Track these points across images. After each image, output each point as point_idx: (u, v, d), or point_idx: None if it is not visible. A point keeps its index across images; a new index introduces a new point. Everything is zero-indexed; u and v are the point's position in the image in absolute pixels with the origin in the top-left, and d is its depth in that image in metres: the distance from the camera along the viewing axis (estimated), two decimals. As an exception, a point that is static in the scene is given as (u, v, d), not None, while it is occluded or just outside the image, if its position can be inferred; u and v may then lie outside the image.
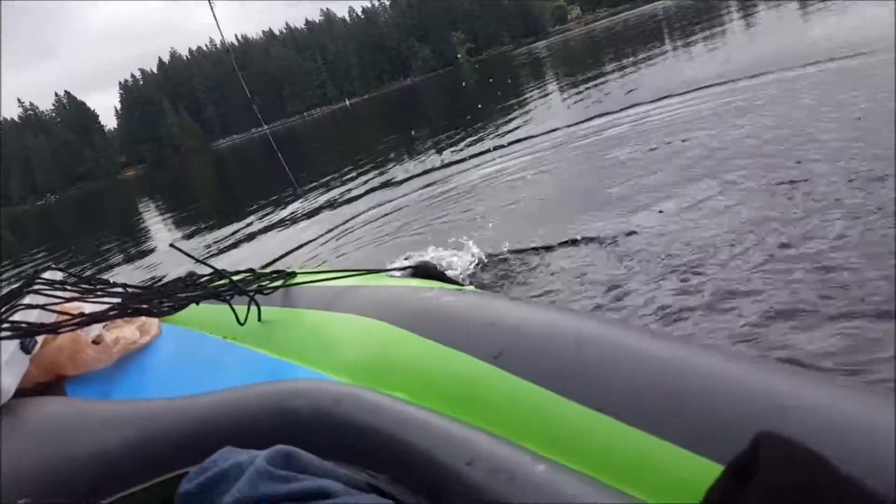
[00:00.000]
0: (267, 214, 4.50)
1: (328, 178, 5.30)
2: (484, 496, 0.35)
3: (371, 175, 4.69)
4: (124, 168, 61.89)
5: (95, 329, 0.83)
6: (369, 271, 0.80)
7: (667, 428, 0.35)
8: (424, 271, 0.70)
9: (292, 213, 4.23)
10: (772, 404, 0.32)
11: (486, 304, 0.55)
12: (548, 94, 6.62)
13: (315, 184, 5.14)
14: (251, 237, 3.80)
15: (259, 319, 0.74)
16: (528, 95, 7.01)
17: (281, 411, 0.49)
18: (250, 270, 0.89)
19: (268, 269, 0.89)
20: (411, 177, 4.00)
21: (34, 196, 59.21)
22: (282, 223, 3.93)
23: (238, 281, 0.81)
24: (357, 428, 0.44)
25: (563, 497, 0.33)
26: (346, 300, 0.69)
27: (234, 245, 3.67)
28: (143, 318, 0.76)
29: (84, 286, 0.80)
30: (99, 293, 0.78)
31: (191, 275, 0.90)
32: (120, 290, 0.81)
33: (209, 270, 0.86)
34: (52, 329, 0.67)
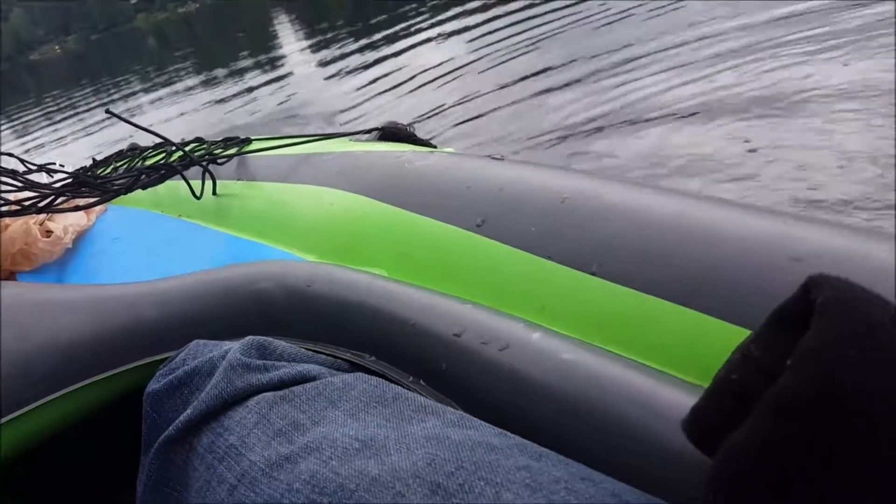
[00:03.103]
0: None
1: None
2: (477, 368, 0.33)
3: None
4: None
5: (40, 219, 0.77)
6: (331, 136, 0.73)
7: (668, 287, 0.32)
8: (392, 133, 0.64)
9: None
10: (785, 256, 0.29)
11: (463, 166, 0.50)
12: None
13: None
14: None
15: (214, 193, 0.68)
16: None
17: (249, 295, 0.46)
18: (198, 139, 0.81)
19: (217, 138, 0.81)
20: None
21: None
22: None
23: (189, 151, 0.74)
24: (334, 307, 0.42)
25: (562, 363, 0.31)
26: (308, 169, 0.63)
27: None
28: (90, 200, 0.70)
29: (26, 172, 0.72)
30: (47, 175, 0.71)
31: (133, 148, 0.82)
32: (66, 171, 0.74)
33: (153, 144, 0.78)
34: None
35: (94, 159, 0.94)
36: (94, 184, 0.68)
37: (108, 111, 0.64)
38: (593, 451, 0.28)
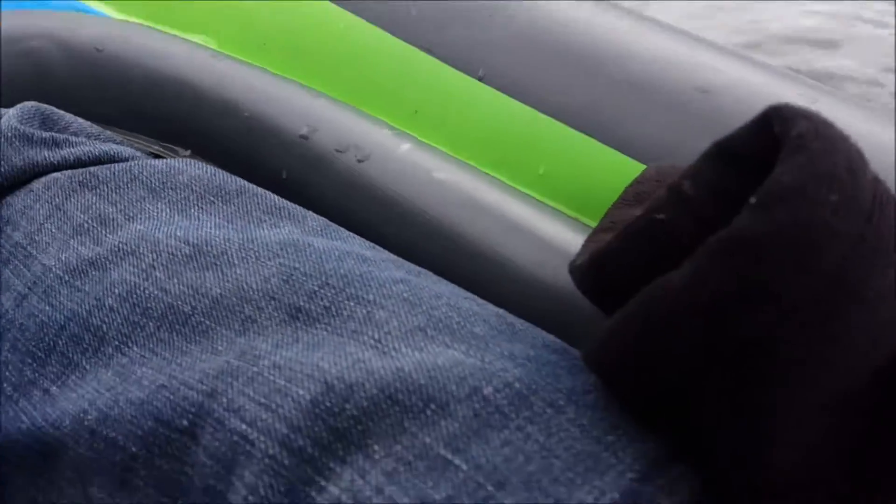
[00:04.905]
0: None
1: None
2: (328, 181, 0.27)
3: None
4: None
5: None
6: None
7: (563, 107, 0.27)
8: None
9: None
10: (692, 87, 0.26)
11: None
12: None
13: None
14: None
15: None
16: None
17: (19, 56, 0.33)
18: None
19: None
20: None
21: None
22: None
23: None
24: (136, 81, 0.31)
25: (434, 183, 0.26)
26: None
27: None
28: None
29: None
30: None
31: None
32: None
33: None
34: None
35: None
36: None
37: None
38: (462, 282, 0.24)
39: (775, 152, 0.15)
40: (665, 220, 0.16)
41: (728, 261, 0.14)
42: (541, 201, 0.26)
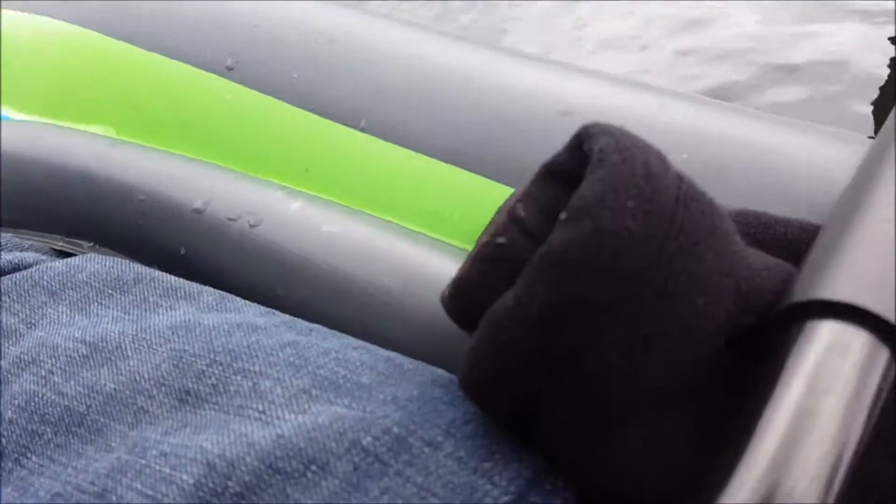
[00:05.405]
0: None
1: None
2: (224, 250, 0.27)
3: None
4: None
5: None
6: None
7: (438, 145, 0.28)
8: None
9: None
10: (553, 111, 0.27)
11: None
12: None
13: None
14: None
15: None
16: None
17: None
18: None
19: None
20: None
21: None
22: None
23: None
24: (36, 179, 0.32)
25: (324, 237, 0.26)
26: None
27: None
28: None
29: None
30: None
31: None
32: None
33: None
34: None
35: None
36: None
37: None
38: (358, 329, 0.25)
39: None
40: (505, 244, 0.17)
41: (546, 275, 0.15)
42: (433, 238, 0.27)
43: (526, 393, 0.16)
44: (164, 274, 0.26)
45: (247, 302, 0.25)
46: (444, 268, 0.25)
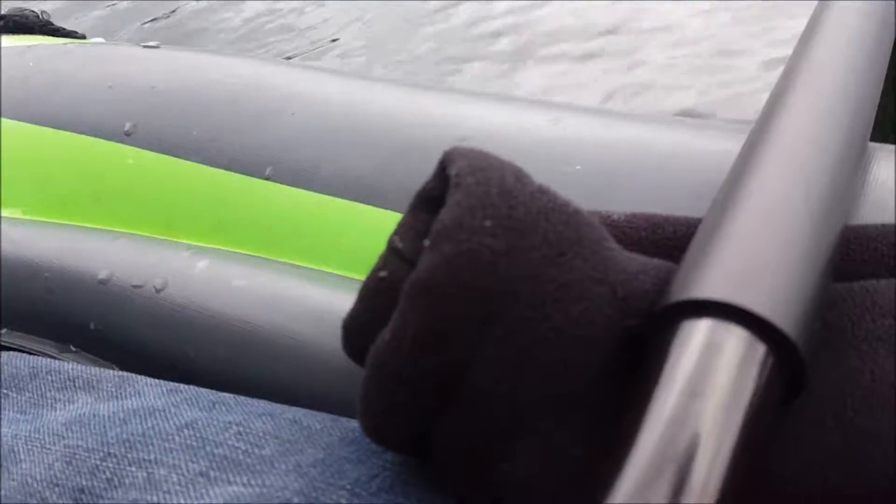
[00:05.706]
0: None
1: None
2: (130, 320, 0.26)
3: None
4: None
5: None
6: None
7: (344, 185, 0.28)
8: (18, 24, 0.48)
9: None
10: (453, 137, 0.27)
11: (107, 59, 0.39)
12: None
13: None
14: None
15: None
16: None
17: None
18: None
19: None
20: None
21: None
22: None
23: None
24: None
25: (233, 293, 0.26)
26: None
27: None
28: None
29: None
30: None
31: None
32: None
33: None
34: None
35: None
36: None
37: None
38: (270, 381, 0.24)
39: None
40: (387, 276, 0.17)
41: (416, 302, 0.14)
42: (345, 277, 0.27)
43: (420, 422, 0.16)
44: (64, 363, 0.25)
45: (150, 381, 0.24)
46: None
